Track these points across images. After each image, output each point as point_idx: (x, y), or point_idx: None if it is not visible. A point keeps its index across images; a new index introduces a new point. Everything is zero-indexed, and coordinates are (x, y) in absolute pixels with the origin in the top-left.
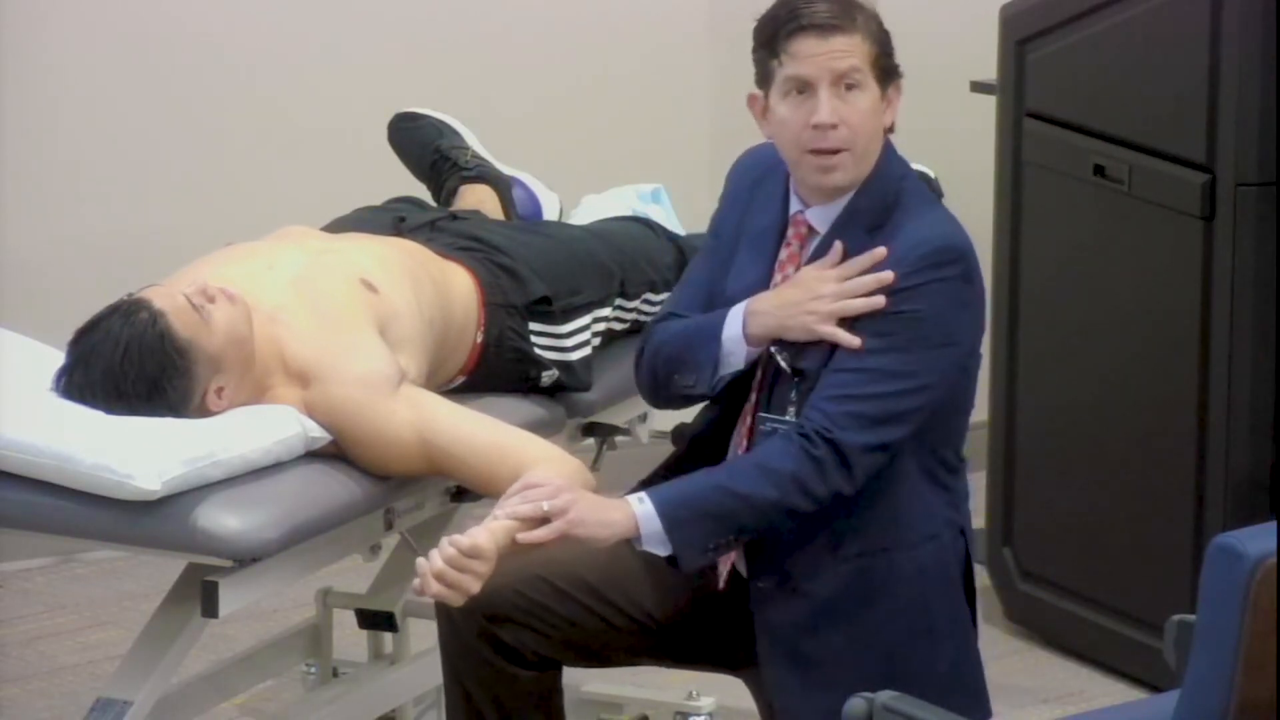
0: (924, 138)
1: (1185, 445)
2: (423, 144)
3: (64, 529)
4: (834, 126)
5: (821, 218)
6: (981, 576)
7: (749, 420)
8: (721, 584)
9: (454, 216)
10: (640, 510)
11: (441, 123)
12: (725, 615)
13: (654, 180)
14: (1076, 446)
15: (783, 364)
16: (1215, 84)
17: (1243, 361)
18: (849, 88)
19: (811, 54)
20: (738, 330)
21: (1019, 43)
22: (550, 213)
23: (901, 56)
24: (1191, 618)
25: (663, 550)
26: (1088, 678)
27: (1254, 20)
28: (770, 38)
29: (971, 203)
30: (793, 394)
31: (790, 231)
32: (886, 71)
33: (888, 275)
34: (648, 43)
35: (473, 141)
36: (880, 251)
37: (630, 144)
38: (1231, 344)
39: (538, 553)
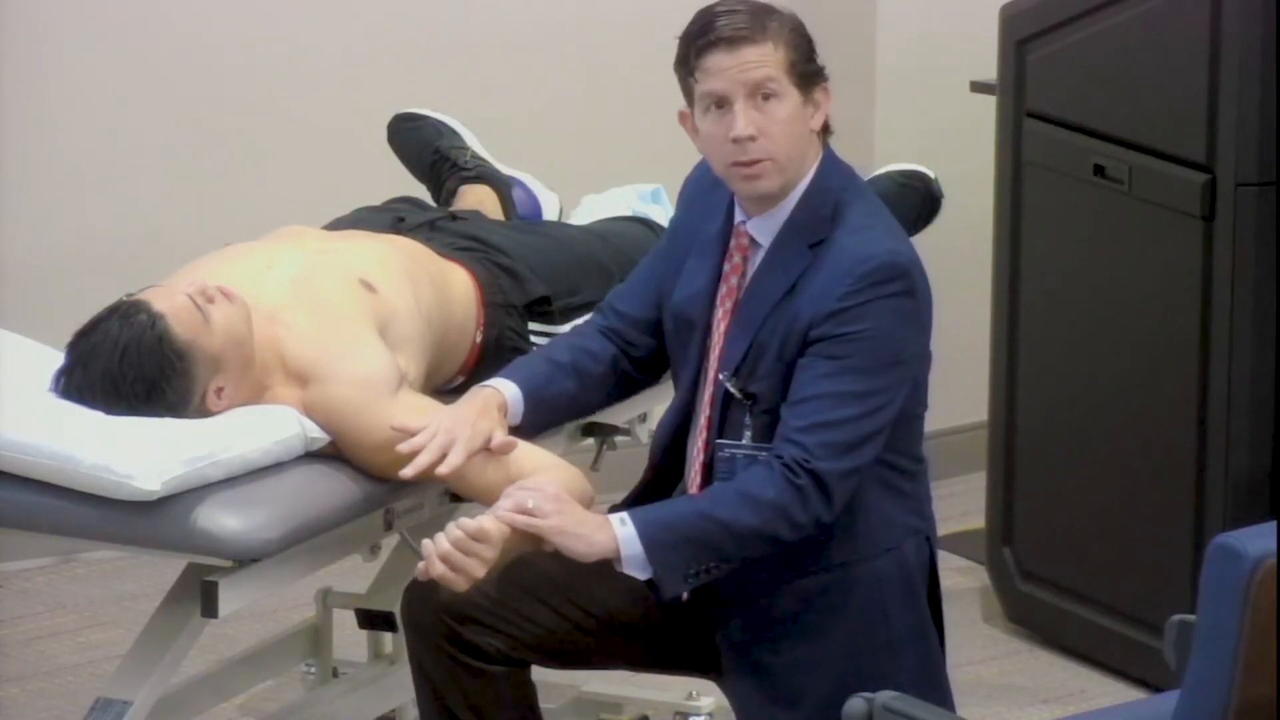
0: (924, 138)
1: (1185, 445)
2: (422, 144)
3: (64, 529)
4: (752, 138)
5: (762, 229)
6: (981, 576)
7: (703, 437)
8: (685, 595)
9: (453, 217)
10: (622, 532)
11: (441, 123)
12: (692, 622)
13: (654, 180)
14: (1076, 446)
15: (733, 390)
16: (1215, 84)
17: (1243, 361)
18: (765, 97)
19: (723, 68)
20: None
21: (1019, 43)
22: (550, 213)
23: (901, 56)
24: (1191, 618)
25: (643, 574)
26: (1088, 678)
27: (1254, 20)
28: (684, 55)
29: (971, 203)
30: (746, 418)
31: (733, 243)
32: (807, 76)
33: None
34: (648, 43)
35: (472, 142)
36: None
37: (630, 144)
38: (1231, 344)
39: (511, 557)
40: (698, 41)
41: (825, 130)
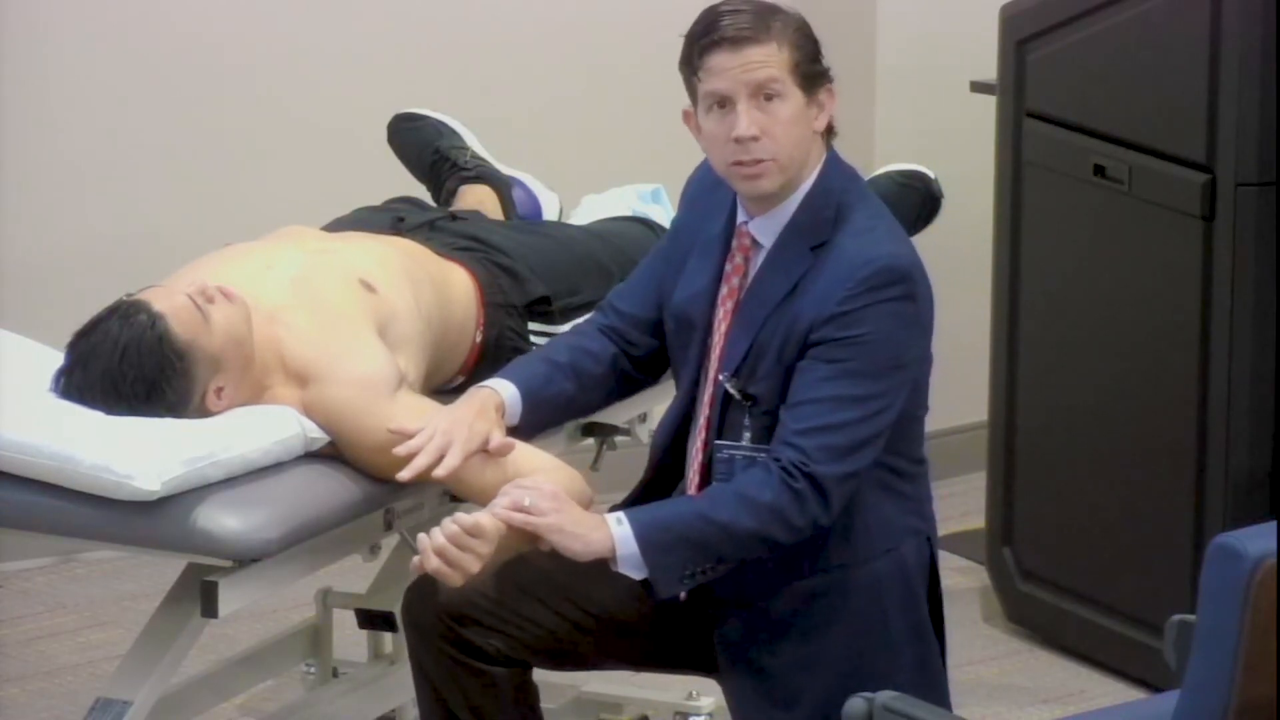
0: (924, 138)
1: (1185, 445)
2: (422, 144)
3: (64, 529)
4: (755, 139)
5: (764, 230)
6: (981, 576)
7: (702, 438)
8: (683, 595)
9: (453, 217)
10: (618, 532)
11: (441, 123)
12: (691, 621)
13: (654, 180)
14: (1076, 446)
15: (732, 391)
16: (1215, 84)
17: (1243, 361)
18: (768, 98)
19: (726, 68)
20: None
21: (1019, 43)
22: (550, 213)
23: (901, 56)
24: (1191, 618)
25: (638, 574)
26: (1088, 678)
27: (1254, 20)
28: (688, 54)
29: (971, 203)
30: (745, 419)
31: (735, 243)
32: (811, 77)
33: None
34: (648, 43)
35: (472, 142)
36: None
37: (630, 144)
38: (1231, 344)
39: (507, 556)
40: (701, 41)
41: (829, 132)
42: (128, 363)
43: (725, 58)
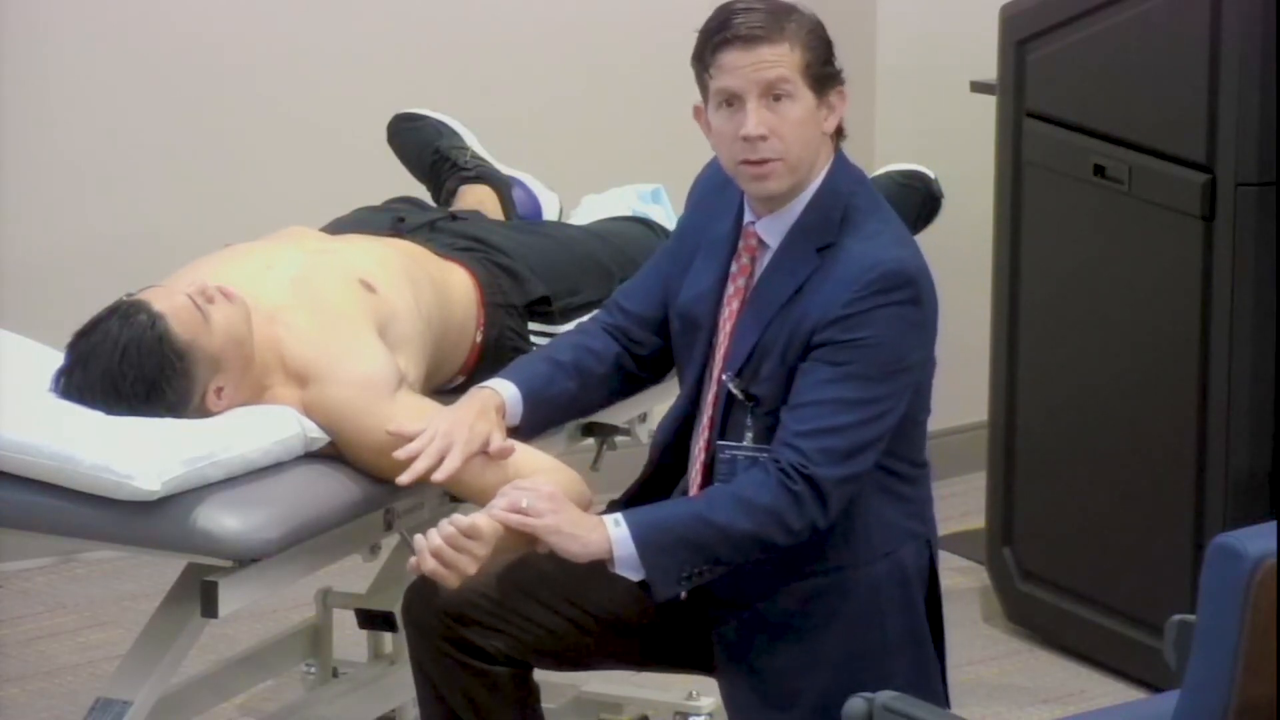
0: (924, 138)
1: (1185, 445)
2: (422, 144)
3: (64, 529)
4: (763, 138)
5: (771, 230)
6: (981, 576)
7: (705, 438)
8: (683, 595)
9: (453, 217)
10: (616, 534)
11: (441, 123)
12: (690, 620)
13: (654, 180)
14: (1076, 446)
15: (735, 390)
16: (1215, 84)
17: (1243, 361)
18: (778, 98)
19: (737, 66)
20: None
21: (1019, 43)
22: (550, 213)
23: (901, 56)
24: (1191, 618)
25: (635, 575)
26: (1088, 678)
27: (1254, 20)
28: (700, 50)
29: (971, 203)
30: (748, 419)
31: (741, 243)
32: (822, 79)
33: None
34: (648, 43)
35: (472, 142)
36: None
37: (630, 144)
38: (1231, 344)
39: (506, 557)
40: (714, 38)
41: (839, 134)
42: (128, 363)
43: (737, 55)
